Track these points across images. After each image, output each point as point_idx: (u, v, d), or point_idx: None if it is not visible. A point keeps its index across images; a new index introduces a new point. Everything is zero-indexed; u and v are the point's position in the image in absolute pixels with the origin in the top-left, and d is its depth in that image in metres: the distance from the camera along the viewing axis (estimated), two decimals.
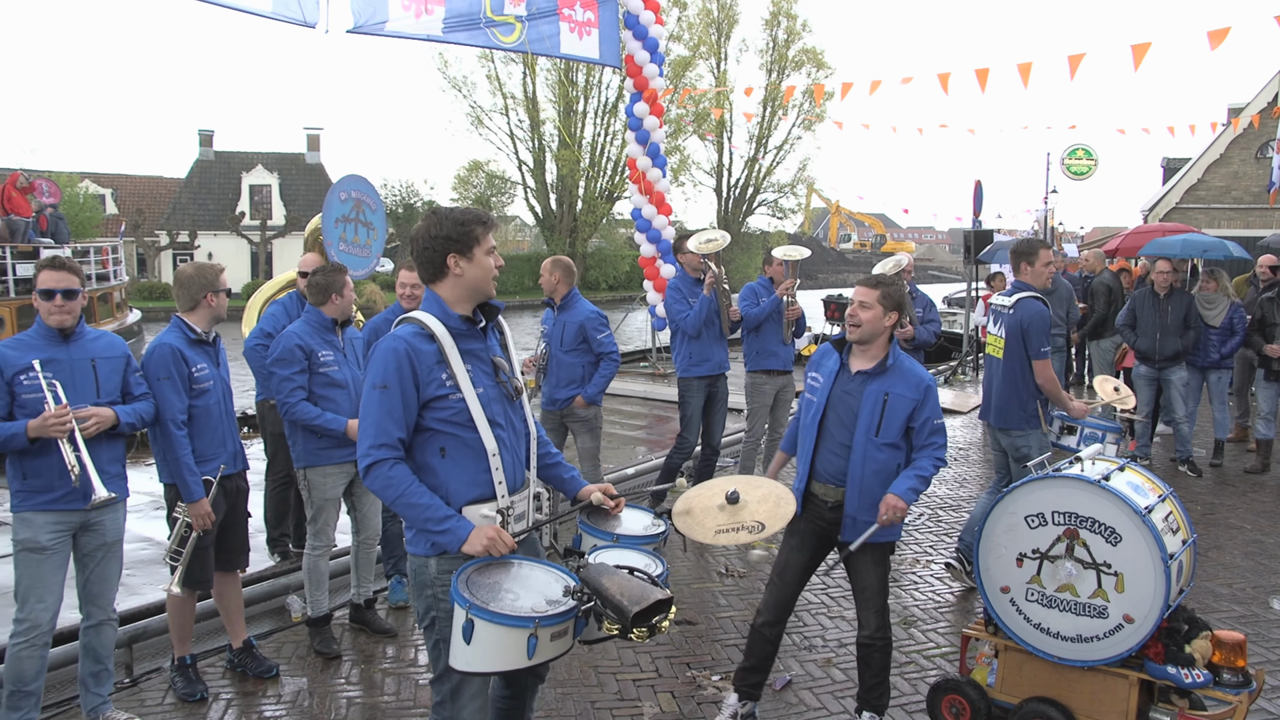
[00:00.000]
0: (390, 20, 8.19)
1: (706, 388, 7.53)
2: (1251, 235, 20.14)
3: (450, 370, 3.03)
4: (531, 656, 2.70)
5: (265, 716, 4.52)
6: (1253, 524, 7.72)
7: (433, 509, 2.96)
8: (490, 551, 2.94)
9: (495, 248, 3.17)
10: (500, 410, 3.13)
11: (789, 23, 50.20)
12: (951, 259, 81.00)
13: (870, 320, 4.04)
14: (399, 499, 2.97)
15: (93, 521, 4.20)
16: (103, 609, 4.33)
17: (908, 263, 8.51)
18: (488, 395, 3.09)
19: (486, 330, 3.20)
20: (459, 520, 2.98)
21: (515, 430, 3.20)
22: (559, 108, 46.63)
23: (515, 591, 2.83)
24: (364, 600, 5.49)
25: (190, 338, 4.58)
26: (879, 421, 4.01)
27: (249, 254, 47.41)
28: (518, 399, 3.23)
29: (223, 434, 4.65)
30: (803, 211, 57.73)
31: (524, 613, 2.73)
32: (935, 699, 4.32)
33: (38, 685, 4.11)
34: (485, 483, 3.07)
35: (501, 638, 2.70)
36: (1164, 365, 9.17)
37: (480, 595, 2.76)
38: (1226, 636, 3.93)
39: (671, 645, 5.28)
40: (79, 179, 47.20)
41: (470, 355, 3.10)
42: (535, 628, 2.69)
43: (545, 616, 2.72)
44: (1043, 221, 27.04)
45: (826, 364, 4.24)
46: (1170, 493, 4.15)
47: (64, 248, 21.78)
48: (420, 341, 3.03)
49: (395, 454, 2.99)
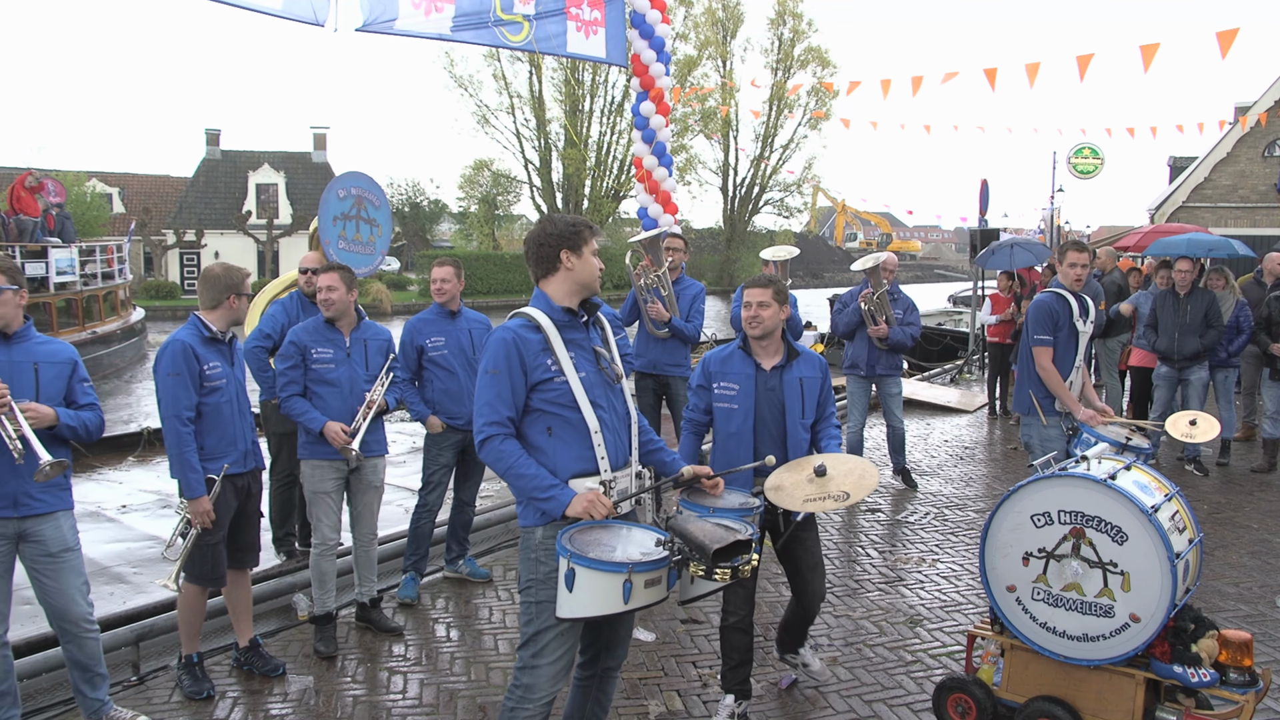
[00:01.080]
0: (400, 18, 8.18)
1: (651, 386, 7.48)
2: (1258, 234, 20.09)
3: (555, 356, 3.34)
4: (627, 601, 2.99)
5: (271, 715, 4.53)
6: (1259, 523, 7.70)
7: (539, 478, 3.26)
8: (590, 513, 3.21)
9: (599, 251, 3.51)
10: (602, 394, 3.42)
11: (794, 22, 50.21)
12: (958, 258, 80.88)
13: (770, 317, 4.39)
14: (509, 470, 3.27)
15: (30, 531, 4.04)
16: (73, 623, 4.15)
17: (886, 259, 8.46)
18: (590, 380, 3.39)
19: (588, 323, 3.50)
20: (562, 488, 3.27)
21: (617, 413, 3.47)
22: (565, 107, 46.67)
23: (613, 546, 3.12)
24: (369, 599, 5.49)
25: (204, 335, 4.58)
26: (802, 406, 4.43)
27: (255, 253, 47.45)
28: (617, 384, 3.50)
29: (234, 433, 4.65)
30: (809, 210, 57.67)
31: (620, 559, 3.01)
32: (941, 698, 4.32)
33: (9, 685, 4.09)
34: (589, 458, 3.35)
35: (599, 583, 3.00)
36: (1184, 365, 9.10)
37: (581, 548, 3.06)
38: (1233, 636, 3.93)
39: (677, 644, 5.29)
40: (86, 178, 47.33)
41: (573, 344, 3.40)
42: (629, 573, 2.98)
43: (638, 563, 3.00)
44: (1049, 221, 27.00)
45: (733, 369, 4.48)
46: (1177, 492, 4.14)
47: (71, 246, 21.87)
48: (527, 331, 3.35)
49: (505, 430, 3.31)
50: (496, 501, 8.91)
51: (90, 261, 23.41)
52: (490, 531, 7.46)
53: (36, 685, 4.85)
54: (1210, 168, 23.94)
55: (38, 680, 4.85)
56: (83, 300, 22.29)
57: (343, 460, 5.18)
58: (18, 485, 3.97)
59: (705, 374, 4.56)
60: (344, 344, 5.21)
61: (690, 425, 4.66)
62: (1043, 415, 6.06)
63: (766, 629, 5.47)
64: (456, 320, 6.02)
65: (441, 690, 4.76)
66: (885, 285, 8.29)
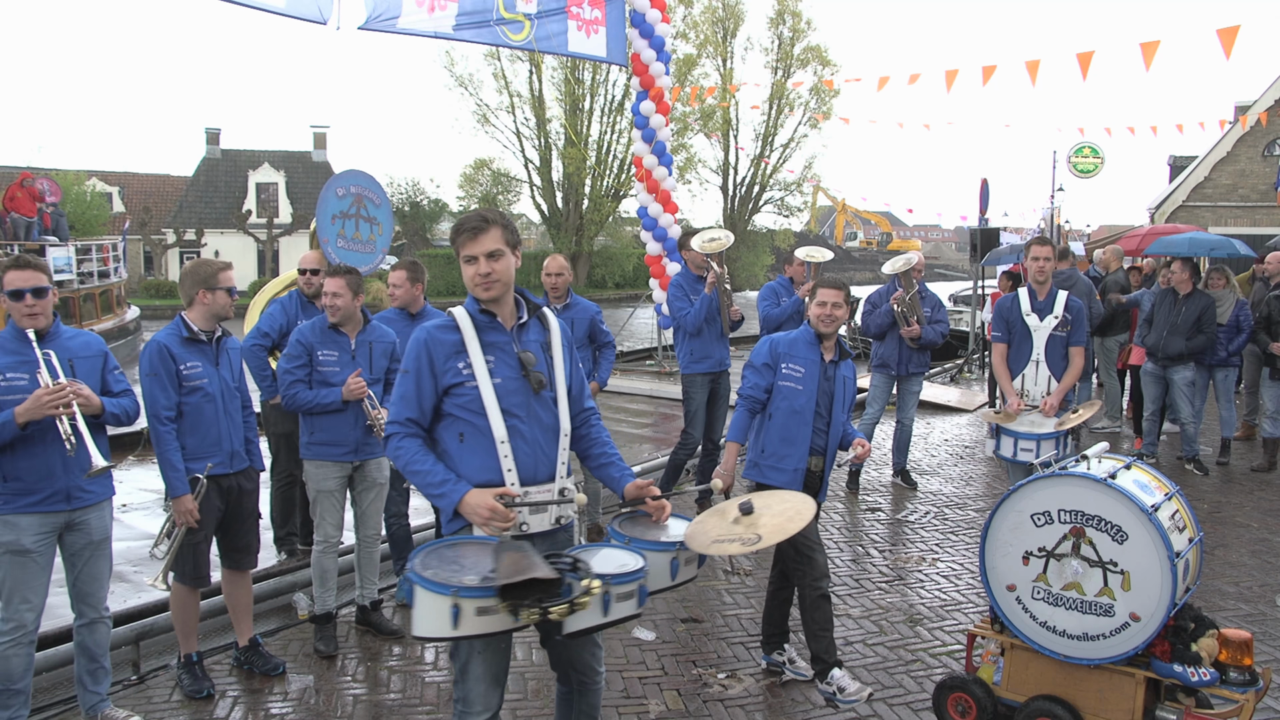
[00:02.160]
0: (402, 16, 8.18)
1: (709, 384, 7.55)
2: (1258, 233, 20.09)
3: (469, 360, 3.19)
4: (456, 626, 2.76)
5: (271, 714, 4.53)
6: (1259, 522, 7.70)
7: (433, 474, 3.15)
8: (486, 526, 3.05)
9: (490, 254, 3.20)
10: (520, 401, 3.23)
11: (794, 21, 50.09)
12: (958, 257, 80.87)
13: (841, 316, 4.77)
14: (406, 466, 3.19)
15: (77, 521, 4.17)
16: (94, 608, 4.30)
17: (918, 260, 8.54)
18: (506, 386, 3.21)
19: (523, 325, 3.32)
20: (456, 484, 3.13)
21: (541, 423, 3.27)
22: (565, 106, 46.59)
23: (467, 566, 2.89)
24: (370, 601, 5.46)
25: (183, 335, 4.57)
26: (844, 400, 4.82)
27: (255, 252, 47.44)
28: (540, 392, 3.26)
29: (217, 433, 4.62)
30: (809, 210, 57.62)
31: (452, 582, 2.78)
32: (941, 697, 4.32)
33: (26, 683, 4.11)
34: (495, 469, 3.18)
35: (429, 602, 2.78)
36: (1167, 364, 9.14)
37: (428, 564, 2.87)
38: (1233, 635, 3.93)
39: (677, 643, 5.29)
40: (86, 177, 47.30)
41: (492, 347, 3.24)
42: (454, 596, 2.74)
43: (465, 588, 2.76)
44: (1049, 220, 27.01)
45: (800, 354, 4.76)
46: (1177, 491, 4.14)
47: (66, 245, 21.94)
48: (443, 333, 3.24)
49: (406, 430, 3.22)
50: None
51: (87, 260, 23.46)
52: None
53: (37, 684, 4.84)
54: (1210, 167, 23.94)
55: (39, 679, 4.84)
56: (79, 299, 22.32)
57: (346, 460, 5.17)
58: (69, 480, 4.10)
59: (773, 354, 4.79)
60: (349, 346, 5.19)
61: (748, 402, 4.80)
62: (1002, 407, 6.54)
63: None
64: (417, 322, 5.93)
65: (442, 689, 4.76)
66: (915, 287, 8.37)
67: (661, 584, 3.23)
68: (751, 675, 4.92)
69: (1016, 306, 6.62)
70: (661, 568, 3.20)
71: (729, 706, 4.60)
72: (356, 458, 5.21)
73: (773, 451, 4.74)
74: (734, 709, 4.57)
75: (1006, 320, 6.67)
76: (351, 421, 5.15)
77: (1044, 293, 6.59)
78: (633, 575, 3.01)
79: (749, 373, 4.82)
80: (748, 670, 4.98)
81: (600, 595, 2.87)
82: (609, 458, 3.52)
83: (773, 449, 4.75)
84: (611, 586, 2.92)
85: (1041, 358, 6.46)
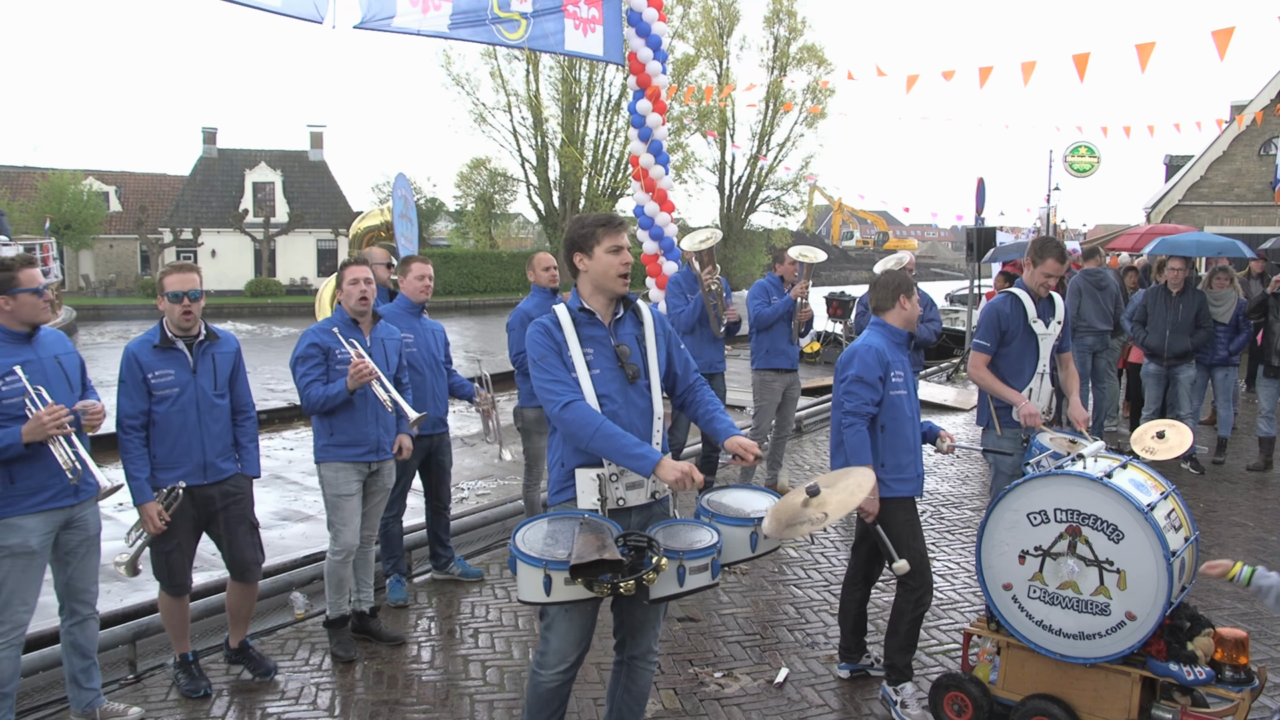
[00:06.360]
0: (397, 15, 8.15)
1: None
2: (1254, 232, 20.14)
3: (570, 351, 3.52)
4: (549, 595, 3.14)
5: (268, 712, 4.53)
6: (1255, 521, 7.71)
7: (627, 439, 3.39)
8: (681, 485, 3.34)
9: (623, 247, 3.58)
10: (617, 389, 3.53)
11: (790, 20, 50.12)
12: (954, 256, 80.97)
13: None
14: (598, 430, 3.38)
15: (76, 517, 4.17)
16: (88, 604, 4.29)
17: (909, 260, 8.56)
18: (603, 376, 3.52)
19: (620, 319, 3.62)
20: (651, 449, 3.41)
21: (636, 408, 3.57)
22: (562, 105, 46.57)
23: (561, 541, 3.25)
24: (368, 608, 5.36)
25: (154, 343, 4.49)
26: None
27: (252, 251, 47.42)
28: (635, 381, 3.57)
29: (188, 443, 4.50)
30: (805, 209, 57.66)
31: (545, 556, 3.16)
32: (937, 696, 4.33)
33: (14, 686, 4.10)
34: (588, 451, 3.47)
35: (525, 574, 3.18)
36: (1173, 363, 9.14)
37: (528, 538, 3.26)
38: (1229, 634, 3.93)
39: (674, 642, 5.29)
40: (83, 176, 47.26)
41: (590, 340, 3.55)
42: (544, 569, 3.13)
43: (553, 561, 3.13)
44: (1045, 219, 27.04)
45: (899, 358, 4.57)
46: (1172, 490, 4.15)
47: (14, 244, 22.10)
48: (553, 326, 3.57)
49: (579, 395, 3.47)
50: (493, 500, 8.93)
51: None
52: (486, 530, 7.46)
53: (33, 684, 4.84)
54: (1206, 166, 23.97)
55: (33, 679, 4.84)
56: None
57: (365, 461, 5.06)
58: None
59: (882, 364, 4.45)
60: (365, 343, 5.10)
61: (864, 420, 4.44)
62: (998, 425, 5.61)
63: (765, 627, 5.49)
64: (423, 318, 5.94)
65: (439, 688, 4.76)
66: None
67: (742, 554, 3.51)
68: (748, 674, 4.92)
69: (1019, 312, 5.57)
70: (742, 540, 3.48)
71: (725, 705, 4.60)
72: (376, 458, 5.11)
73: (894, 464, 4.49)
74: (730, 708, 4.58)
75: (1002, 329, 5.58)
76: (371, 418, 5.04)
77: (1043, 293, 5.81)
78: (705, 551, 3.30)
79: (860, 389, 4.41)
80: (744, 669, 4.98)
81: (675, 568, 3.22)
82: (713, 414, 3.79)
83: (894, 460, 4.49)
84: (685, 560, 3.24)
85: (1047, 369, 5.57)
